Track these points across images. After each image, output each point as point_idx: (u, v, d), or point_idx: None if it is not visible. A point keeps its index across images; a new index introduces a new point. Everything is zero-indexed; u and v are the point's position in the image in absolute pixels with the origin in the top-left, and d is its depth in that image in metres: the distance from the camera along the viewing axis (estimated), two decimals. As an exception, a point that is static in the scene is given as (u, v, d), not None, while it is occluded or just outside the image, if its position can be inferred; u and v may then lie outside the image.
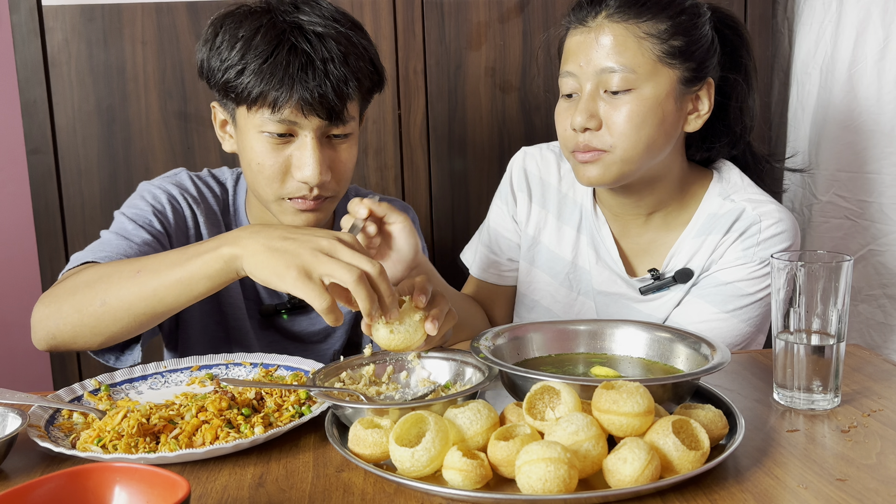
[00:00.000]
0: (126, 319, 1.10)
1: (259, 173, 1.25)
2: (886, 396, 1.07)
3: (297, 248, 0.98)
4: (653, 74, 1.27)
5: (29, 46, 1.81)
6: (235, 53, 1.22)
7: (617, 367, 1.06)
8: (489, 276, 1.56)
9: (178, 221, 1.36)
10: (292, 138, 1.24)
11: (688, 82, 1.30)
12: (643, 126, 1.27)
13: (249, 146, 1.25)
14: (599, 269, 1.45)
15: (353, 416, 0.94)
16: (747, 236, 1.33)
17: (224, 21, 1.26)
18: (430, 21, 1.88)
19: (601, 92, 1.29)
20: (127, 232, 1.28)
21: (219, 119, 1.33)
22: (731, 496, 0.81)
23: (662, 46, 1.27)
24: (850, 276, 1.01)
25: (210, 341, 1.41)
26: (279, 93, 1.19)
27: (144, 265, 1.09)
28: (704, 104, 1.33)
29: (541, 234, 1.51)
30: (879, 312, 1.83)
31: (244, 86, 1.21)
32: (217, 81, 1.25)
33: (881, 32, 1.77)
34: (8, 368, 2.25)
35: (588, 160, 1.30)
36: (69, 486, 0.74)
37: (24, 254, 2.19)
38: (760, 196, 1.37)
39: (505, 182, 1.55)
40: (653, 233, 1.42)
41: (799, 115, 1.95)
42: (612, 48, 1.27)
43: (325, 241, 0.99)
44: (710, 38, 1.32)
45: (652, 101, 1.27)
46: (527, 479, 0.78)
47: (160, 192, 1.36)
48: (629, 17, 1.27)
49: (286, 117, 1.21)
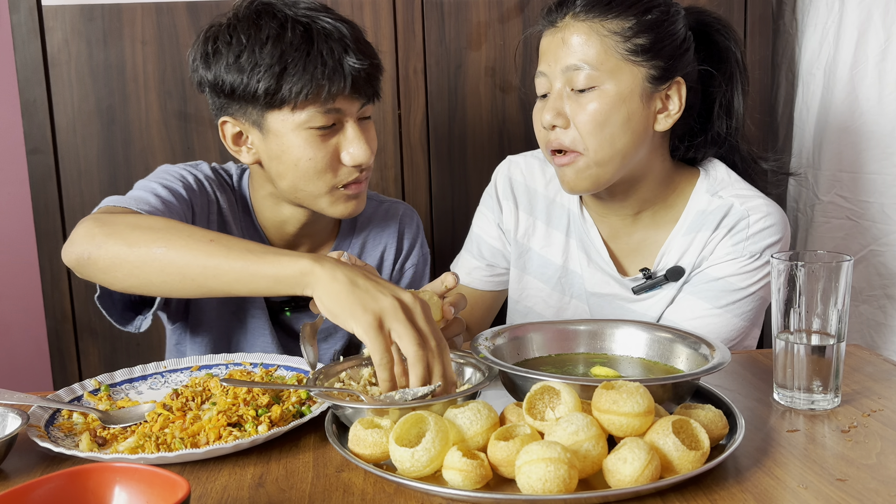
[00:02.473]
0: (173, 276, 1.05)
1: (310, 169, 1.25)
2: (886, 396, 1.07)
3: (378, 294, 0.95)
4: (616, 72, 1.28)
5: (29, 46, 1.81)
6: (267, 56, 1.19)
7: (617, 367, 1.06)
8: (470, 280, 1.56)
9: (204, 202, 1.35)
10: (335, 128, 1.25)
11: (655, 80, 1.30)
12: (607, 124, 1.28)
13: (293, 145, 1.24)
14: (591, 271, 1.45)
15: (353, 416, 0.94)
16: (736, 231, 1.34)
17: (226, 32, 1.23)
18: (430, 21, 1.88)
19: (568, 90, 1.30)
20: (160, 194, 1.24)
21: (230, 133, 1.30)
22: (731, 496, 0.81)
23: (626, 44, 1.28)
24: (850, 277, 1.01)
25: (223, 328, 1.41)
26: (332, 83, 1.20)
27: (219, 238, 1.05)
28: (674, 103, 1.33)
29: (530, 241, 1.51)
30: (880, 313, 1.83)
31: (290, 86, 1.19)
32: (247, 93, 1.21)
33: (882, 34, 1.77)
34: (8, 368, 2.25)
35: (565, 163, 1.32)
36: (69, 486, 0.74)
37: (24, 254, 2.19)
38: (748, 191, 1.37)
39: (490, 191, 1.55)
40: (642, 232, 1.43)
41: (804, 116, 1.95)
42: (577, 46, 1.29)
43: (408, 296, 0.96)
44: (681, 36, 1.32)
45: (616, 98, 1.28)
46: (527, 479, 0.78)
47: (186, 172, 1.35)
48: (595, 16, 1.29)
49: (335, 106, 1.22)
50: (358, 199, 1.32)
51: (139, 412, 1.04)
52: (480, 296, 1.57)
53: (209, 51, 1.25)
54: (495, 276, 1.56)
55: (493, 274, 1.56)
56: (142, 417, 1.03)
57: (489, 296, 1.57)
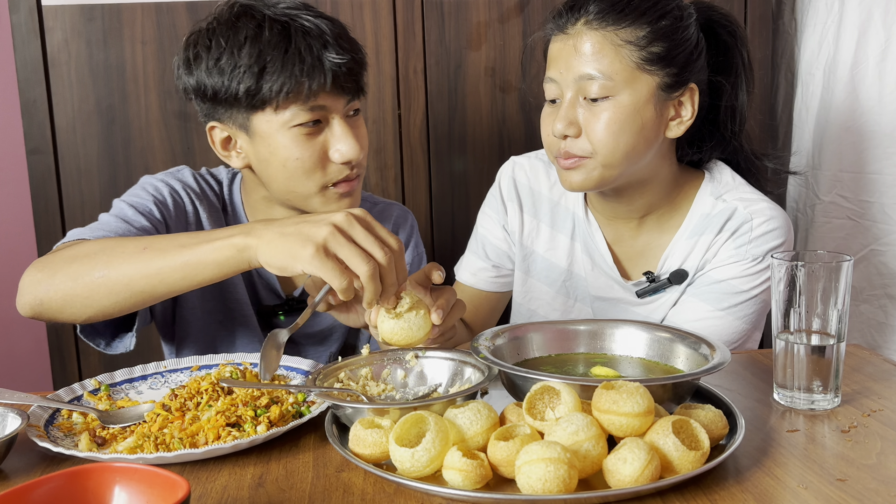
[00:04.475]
0: (123, 294, 1.08)
1: (298, 169, 1.24)
2: (886, 396, 1.07)
3: (312, 228, 0.97)
4: (631, 81, 1.26)
5: (29, 46, 1.81)
6: (245, 57, 1.19)
7: (617, 367, 1.06)
8: (475, 281, 1.55)
9: (179, 214, 1.35)
10: (321, 125, 1.24)
11: (669, 88, 1.29)
12: (622, 133, 1.27)
13: (279, 146, 1.23)
14: (596, 275, 1.45)
15: (353, 416, 0.94)
16: (739, 234, 1.34)
17: (206, 36, 1.23)
18: (430, 21, 1.88)
19: (581, 99, 1.28)
20: (126, 216, 1.27)
21: (219, 139, 1.29)
22: (731, 496, 0.81)
23: (641, 53, 1.26)
24: (850, 276, 1.01)
25: (210, 338, 1.41)
26: (312, 79, 1.19)
27: (151, 243, 1.07)
28: (688, 110, 1.32)
29: (534, 243, 1.50)
30: (880, 312, 1.83)
31: (270, 85, 1.19)
32: (229, 95, 1.21)
33: (882, 34, 1.77)
34: (8, 368, 2.25)
35: (570, 166, 1.31)
36: (69, 486, 0.74)
37: (23, 254, 2.19)
38: (752, 195, 1.37)
39: (494, 192, 1.54)
40: (646, 236, 1.42)
41: (804, 116, 1.96)
42: (590, 56, 1.26)
43: (340, 215, 0.98)
44: (693, 41, 1.31)
45: (630, 108, 1.26)
46: (527, 479, 0.78)
47: (162, 184, 1.35)
48: (608, 24, 1.26)
49: (318, 102, 1.21)
50: (351, 197, 1.30)
51: (139, 412, 1.04)
52: (486, 297, 1.56)
53: (190, 56, 1.25)
54: (500, 276, 1.55)
55: (499, 275, 1.55)
56: (141, 417, 1.03)
57: (494, 297, 1.57)
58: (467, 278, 1.56)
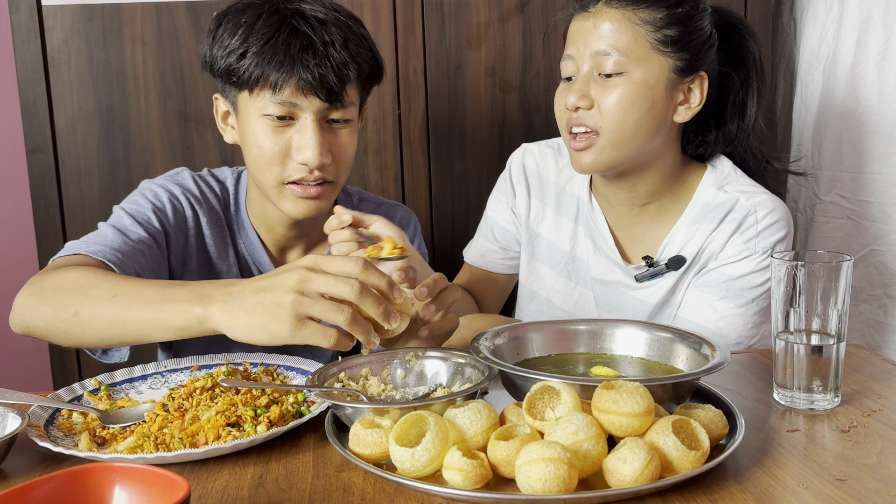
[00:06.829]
0: (95, 337, 1.07)
1: (260, 157, 1.27)
2: (886, 396, 1.07)
3: (274, 298, 0.93)
4: (645, 60, 1.31)
5: (29, 46, 1.81)
6: (237, 39, 1.24)
7: (617, 367, 1.06)
8: (484, 262, 1.62)
9: (178, 220, 1.36)
10: (293, 121, 1.26)
11: (680, 72, 1.34)
12: (632, 109, 1.31)
13: (251, 130, 1.27)
14: (597, 258, 1.49)
15: (353, 415, 0.94)
16: (745, 228, 1.37)
17: (227, 13, 1.29)
18: (430, 21, 1.88)
19: (595, 75, 1.34)
20: (124, 227, 1.28)
21: (221, 111, 1.35)
22: (731, 496, 0.81)
23: (657, 34, 1.31)
24: (850, 276, 1.01)
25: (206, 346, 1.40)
26: (280, 73, 1.22)
27: (121, 290, 1.05)
28: (696, 96, 1.37)
29: (540, 227, 1.56)
30: (880, 312, 1.83)
31: (245, 68, 1.23)
32: (220, 69, 1.27)
33: (882, 33, 1.77)
34: (8, 368, 2.25)
35: (581, 147, 1.35)
36: (69, 486, 0.74)
37: (23, 254, 2.19)
38: (752, 187, 1.41)
39: (504, 176, 1.61)
40: (647, 222, 1.46)
41: (803, 115, 1.96)
42: (608, 32, 1.32)
43: (293, 277, 0.93)
44: (707, 32, 1.36)
45: (642, 85, 1.31)
46: (527, 479, 0.78)
47: (161, 190, 1.36)
48: (627, 4, 1.32)
49: (287, 98, 1.23)
50: (316, 200, 1.29)
51: (139, 412, 1.04)
52: (494, 278, 1.63)
53: (211, 27, 1.30)
54: (508, 258, 1.62)
55: (507, 257, 1.62)
56: (141, 417, 1.03)
57: (503, 278, 1.64)
58: (476, 259, 1.64)
